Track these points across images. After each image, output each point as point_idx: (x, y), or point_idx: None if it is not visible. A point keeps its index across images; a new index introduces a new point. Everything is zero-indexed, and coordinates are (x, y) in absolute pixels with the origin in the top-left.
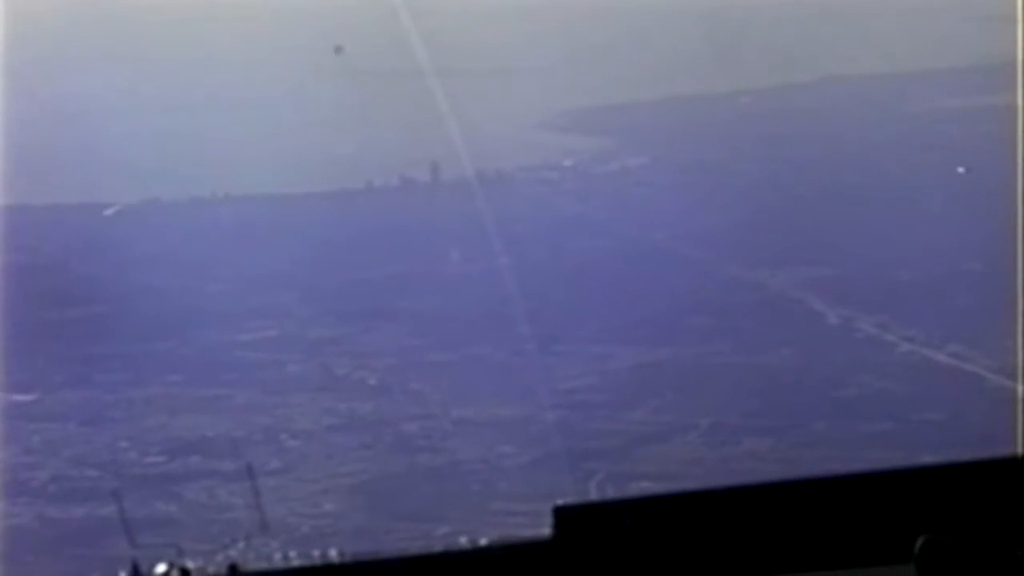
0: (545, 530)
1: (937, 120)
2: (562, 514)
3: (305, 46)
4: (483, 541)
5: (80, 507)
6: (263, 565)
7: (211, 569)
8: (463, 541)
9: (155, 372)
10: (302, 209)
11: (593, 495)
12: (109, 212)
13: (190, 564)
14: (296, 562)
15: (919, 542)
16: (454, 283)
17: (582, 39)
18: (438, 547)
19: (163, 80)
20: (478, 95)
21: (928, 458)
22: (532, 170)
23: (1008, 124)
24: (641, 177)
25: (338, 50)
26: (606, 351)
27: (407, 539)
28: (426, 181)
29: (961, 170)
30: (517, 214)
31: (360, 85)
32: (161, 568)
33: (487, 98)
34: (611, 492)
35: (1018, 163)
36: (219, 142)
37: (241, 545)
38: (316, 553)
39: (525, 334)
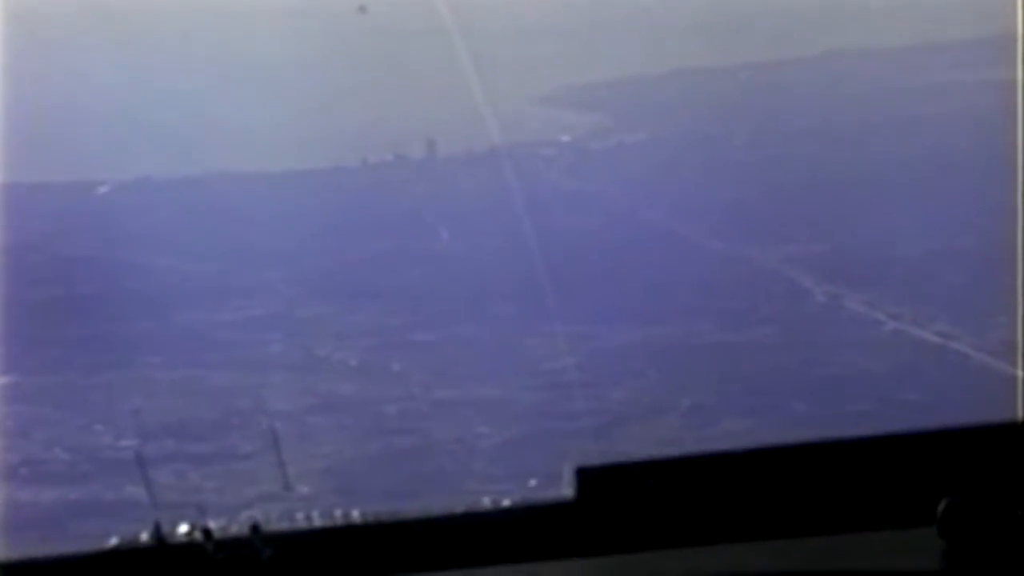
0: (567, 491)
1: (938, 94)
2: (583, 475)
3: (292, 22)
4: (505, 502)
5: (51, 490)
6: (284, 525)
7: (233, 529)
8: (485, 502)
9: (134, 353)
10: (295, 186)
11: (566, 476)
12: (102, 190)
13: (212, 524)
14: (318, 522)
15: (941, 505)
16: (442, 261)
17: (583, 12)
18: (459, 508)
19: (155, 55)
20: (477, 68)
21: None
22: (529, 146)
23: (1008, 99)
24: (637, 153)
25: (362, 9)
26: (591, 330)
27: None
28: (422, 157)
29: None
30: (510, 191)
31: (355, 58)
32: (184, 528)
33: (487, 71)
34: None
35: (1018, 141)
36: (215, 117)
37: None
38: (338, 513)
39: (510, 313)
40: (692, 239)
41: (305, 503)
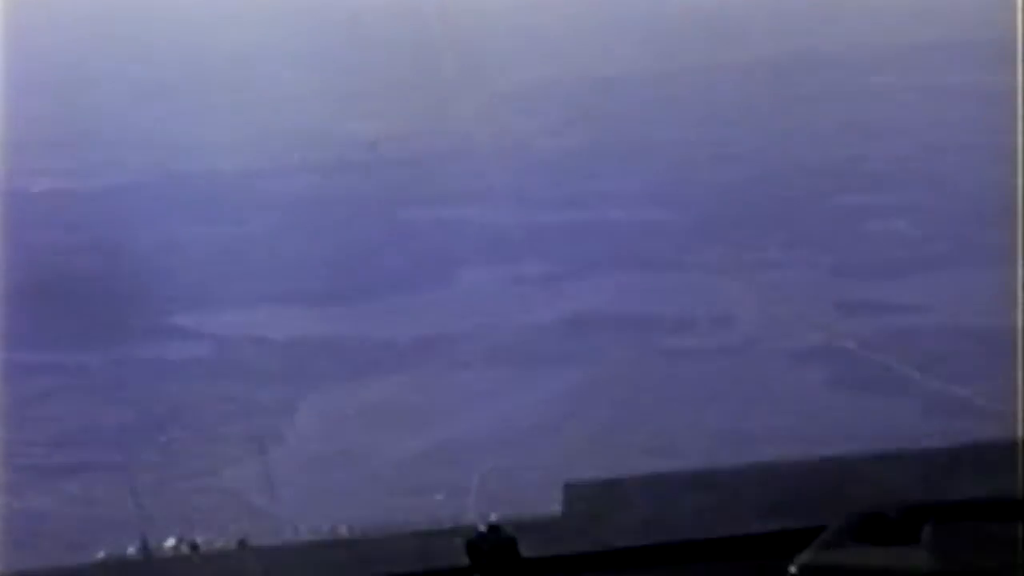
0: (555, 507)
1: (897, 98)
2: (572, 491)
3: (243, 29)
4: (493, 517)
5: None
6: (270, 540)
7: (220, 543)
8: (472, 517)
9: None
10: (235, 184)
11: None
12: (36, 190)
13: (199, 539)
14: (305, 537)
15: (930, 522)
16: (359, 265)
17: (536, 14)
18: (447, 523)
19: (108, 61)
20: (428, 68)
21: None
22: (473, 146)
23: (967, 104)
24: (583, 157)
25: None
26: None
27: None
28: (364, 159)
29: None
30: (444, 195)
31: (303, 59)
32: (171, 542)
33: (437, 72)
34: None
35: (1018, 148)
36: (159, 117)
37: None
38: (325, 528)
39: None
40: (621, 243)
41: (203, 513)
